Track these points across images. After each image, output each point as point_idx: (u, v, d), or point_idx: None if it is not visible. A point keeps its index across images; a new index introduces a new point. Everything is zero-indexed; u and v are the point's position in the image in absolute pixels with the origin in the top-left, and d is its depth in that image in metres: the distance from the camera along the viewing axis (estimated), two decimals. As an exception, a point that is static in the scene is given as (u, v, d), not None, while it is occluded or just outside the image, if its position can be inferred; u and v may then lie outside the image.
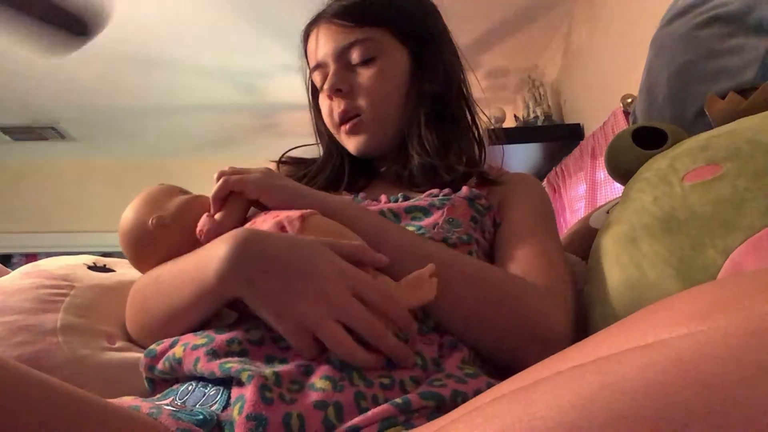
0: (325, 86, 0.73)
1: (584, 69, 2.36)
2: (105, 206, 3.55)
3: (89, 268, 0.74)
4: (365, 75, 0.73)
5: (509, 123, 2.72)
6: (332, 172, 0.79)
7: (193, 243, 0.56)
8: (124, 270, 0.77)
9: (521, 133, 2.39)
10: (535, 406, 0.23)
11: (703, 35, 0.72)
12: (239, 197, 0.59)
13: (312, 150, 0.85)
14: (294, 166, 0.83)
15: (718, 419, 0.19)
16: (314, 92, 0.83)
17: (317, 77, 0.77)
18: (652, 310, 0.27)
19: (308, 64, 0.81)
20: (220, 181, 0.58)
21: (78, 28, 1.83)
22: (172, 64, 2.63)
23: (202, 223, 0.57)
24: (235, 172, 0.59)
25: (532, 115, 2.54)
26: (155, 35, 2.40)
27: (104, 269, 0.76)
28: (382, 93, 0.73)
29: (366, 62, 0.73)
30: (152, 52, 2.53)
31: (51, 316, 0.63)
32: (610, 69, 2.12)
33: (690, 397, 0.20)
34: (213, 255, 0.49)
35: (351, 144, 0.76)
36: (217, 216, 0.57)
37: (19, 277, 0.69)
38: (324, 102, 0.77)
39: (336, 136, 0.78)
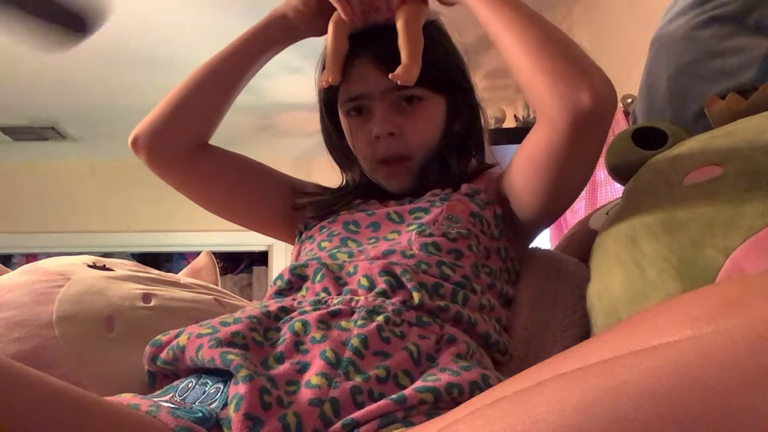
0: (377, 130, 0.73)
1: (584, 69, 2.36)
2: (105, 206, 3.54)
3: (89, 266, 0.74)
4: (412, 117, 0.75)
5: (509, 123, 2.71)
6: (360, 191, 0.80)
7: None
8: (124, 271, 0.76)
9: (522, 134, 2.39)
10: (537, 409, 0.23)
11: (703, 35, 0.72)
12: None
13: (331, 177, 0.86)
14: (319, 195, 0.82)
15: (722, 424, 0.19)
16: (327, 108, 0.82)
17: (350, 105, 0.77)
18: (656, 312, 0.27)
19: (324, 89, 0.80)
20: None
21: (77, 25, 1.82)
22: (172, 64, 2.63)
23: None
24: None
25: (532, 116, 2.54)
26: (155, 35, 2.40)
27: (104, 269, 0.76)
28: (428, 135, 0.76)
29: (412, 104, 0.75)
30: (152, 52, 2.53)
31: (46, 308, 0.63)
32: (610, 69, 2.11)
33: (694, 402, 0.20)
34: None
35: (393, 184, 0.77)
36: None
37: (17, 275, 0.69)
38: (363, 134, 0.77)
39: (370, 167, 0.78)
